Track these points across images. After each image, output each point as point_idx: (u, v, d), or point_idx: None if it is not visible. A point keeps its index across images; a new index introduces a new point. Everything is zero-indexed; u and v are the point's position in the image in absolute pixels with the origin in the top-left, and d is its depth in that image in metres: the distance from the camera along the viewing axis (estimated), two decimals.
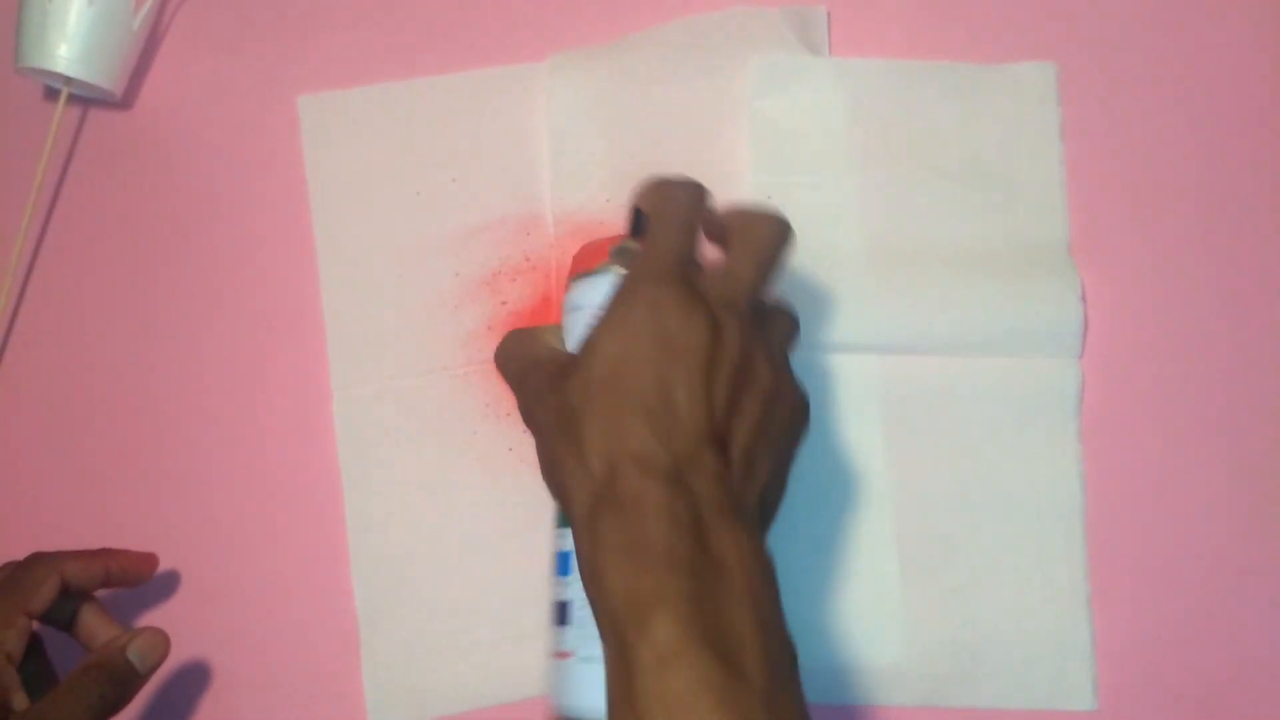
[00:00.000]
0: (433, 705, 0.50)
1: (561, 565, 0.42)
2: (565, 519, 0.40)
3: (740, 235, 0.40)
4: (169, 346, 0.53)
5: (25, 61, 0.52)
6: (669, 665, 0.31)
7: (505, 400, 0.52)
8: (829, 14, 0.55)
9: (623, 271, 0.41)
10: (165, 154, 0.55)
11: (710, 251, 0.41)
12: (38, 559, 0.45)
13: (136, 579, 0.48)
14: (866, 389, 0.51)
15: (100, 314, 0.54)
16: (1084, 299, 0.52)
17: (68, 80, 0.53)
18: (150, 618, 0.51)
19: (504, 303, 0.53)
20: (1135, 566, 0.50)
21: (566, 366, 0.37)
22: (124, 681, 0.43)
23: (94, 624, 0.46)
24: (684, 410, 0.35)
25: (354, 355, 0.53)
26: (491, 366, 0.52)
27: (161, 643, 0.45)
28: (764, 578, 0.34)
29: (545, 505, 0.51)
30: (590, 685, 0.39)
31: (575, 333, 0.43)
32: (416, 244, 0.53)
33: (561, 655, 0.40)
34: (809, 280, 0.52)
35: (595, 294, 0.41)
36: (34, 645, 0.45)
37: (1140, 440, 0.52)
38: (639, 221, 0.40)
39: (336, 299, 0.53)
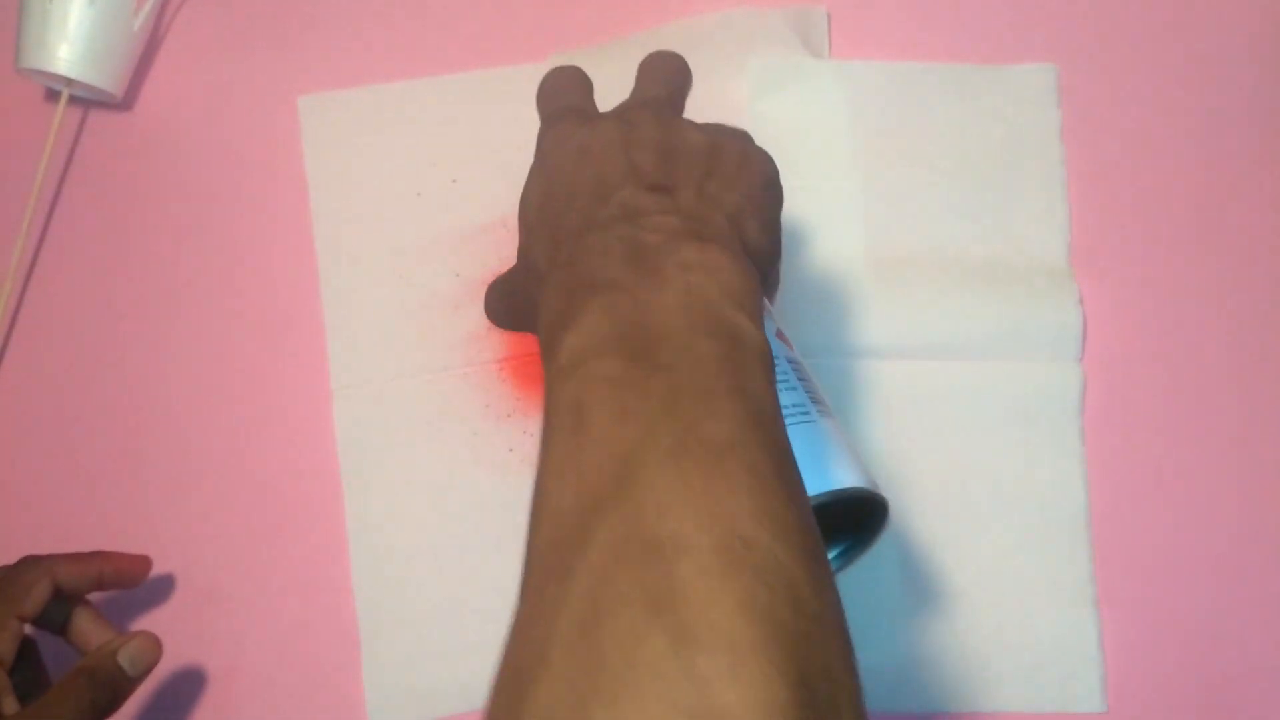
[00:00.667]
0: (433, 705, 0.50)
1: None
2: None
3: (642, 71, 0.42)
4: (169, 347, 0.53)
5: (26, 63, 0.52)
6: (568, 373, 0.29)
7: (505, 400, 0.52)
8: (829, 15, 0.55)
9: None
10: (166, 155, 0.55)
11: None
12: (29, 562, 0.45)
13: (130, 581, 0.48)
14: (867, 394, 0.51)
15: (100, 315, 0.54)
16: (1083, 301, 0.52)
17: (68, 82, 0.53)
18: (150, 618, 0.51)
19: None
20: (1141, 567, 0.50)
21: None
22: (115, 686, 0.43)
23: (87, 627, 0.46)
24: (613, 182, 0.35)
25: (354, 355, 0.53)
26: (492, 367, 0.52)
27: (153, 647, 0.44)
28: (711, 276, 0.31)
29: None
30: None
31: None
32: (417, 244, 0.53)
33: None
34: (808, 284, 0.52)
35: None
36: (27, 650, 0.45)
37: (1143, 441, 0.52)
38: None
39: (336, 299, 0.53)
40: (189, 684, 0.50)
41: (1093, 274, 0.52)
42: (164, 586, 0.51)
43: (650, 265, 0.31)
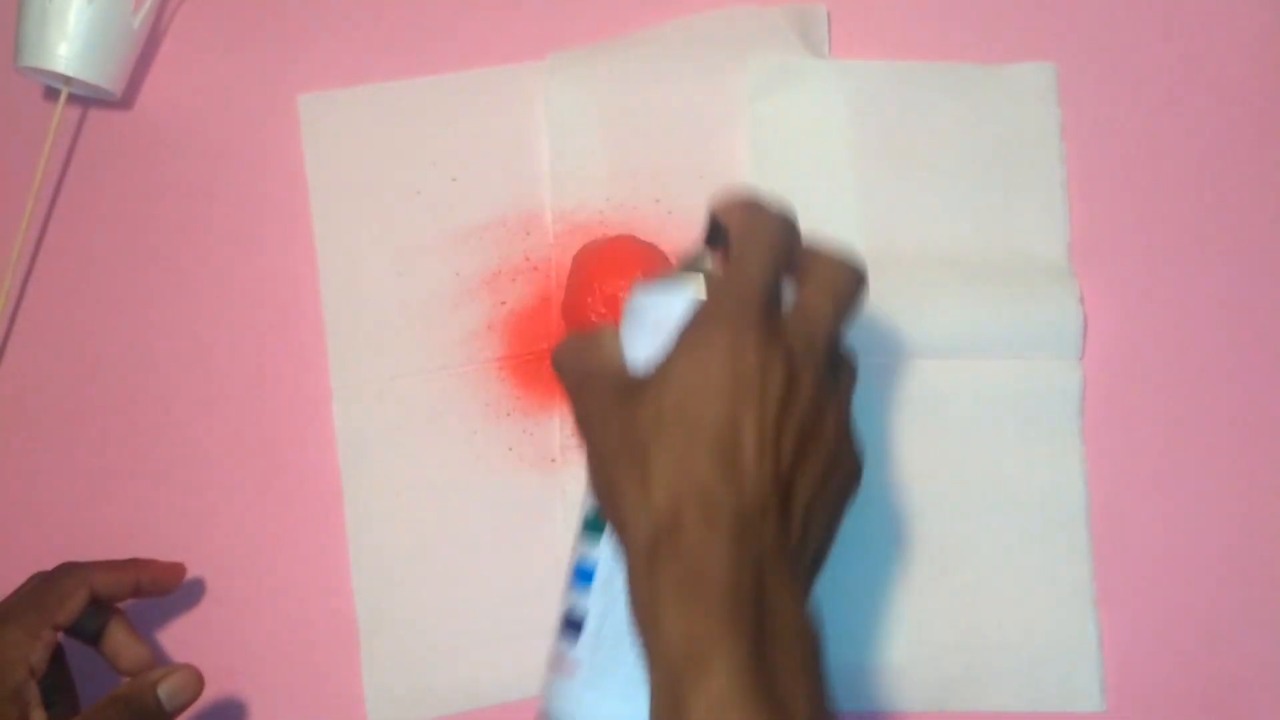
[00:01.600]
0: (432, 705, 0.50)
1: (582, 575, 0.39)
2: (593, 529, 0.39)
3: (820, 276, 0.38)
4: (168, 346, 0.53)
5: (25, 61, 0.52)
6: (721, 716, 0.30)
7: (505, 400, 0.52)
8: (829, 13, 0.55)
9: (700, 290, 0.38)
10: (165, 153, 0.55)
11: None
12: (67, 569, 0.44)
13: (165, 589, 0.48)
14: (867, 393, 0.51)
15: (100, 314, 0.54)
16: (1083, 299, 0.52)
17: (67, 80, 0.53)
18: (149, 617, 0.51)
19: (503, 302, 0.53)
20: (1141, 566, 0.50)
21: (634, 389, 0.36)
22: (150, 718, 0.42)
23: (121, 640, 0.46)
24: (751, 457, 0.34)
25: (354, 354, 0.53)
26: (491, 366, 0.52)
27: (194, 683, 0.44)
28: (814, 640, 0.33)
29: (545, 505, 0.51)
30: (598, 702, 0.38)
31: (640, 345, 0.39)
32: (416, 243, 0.53)
33: (567, 667, 0.39)
34: None
35: (668, 309, 0.38)
36: (54, 655, 0.44)
37: (1143, 440, 0.52)
38: (716, 233, 0.39)
39: (336, 298, 0.53)
40: None
41: (1093, 273, 0.52)
42: None
43: (771, 604, 0.32)
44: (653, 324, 0.38)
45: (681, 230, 0.53)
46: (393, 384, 0.52)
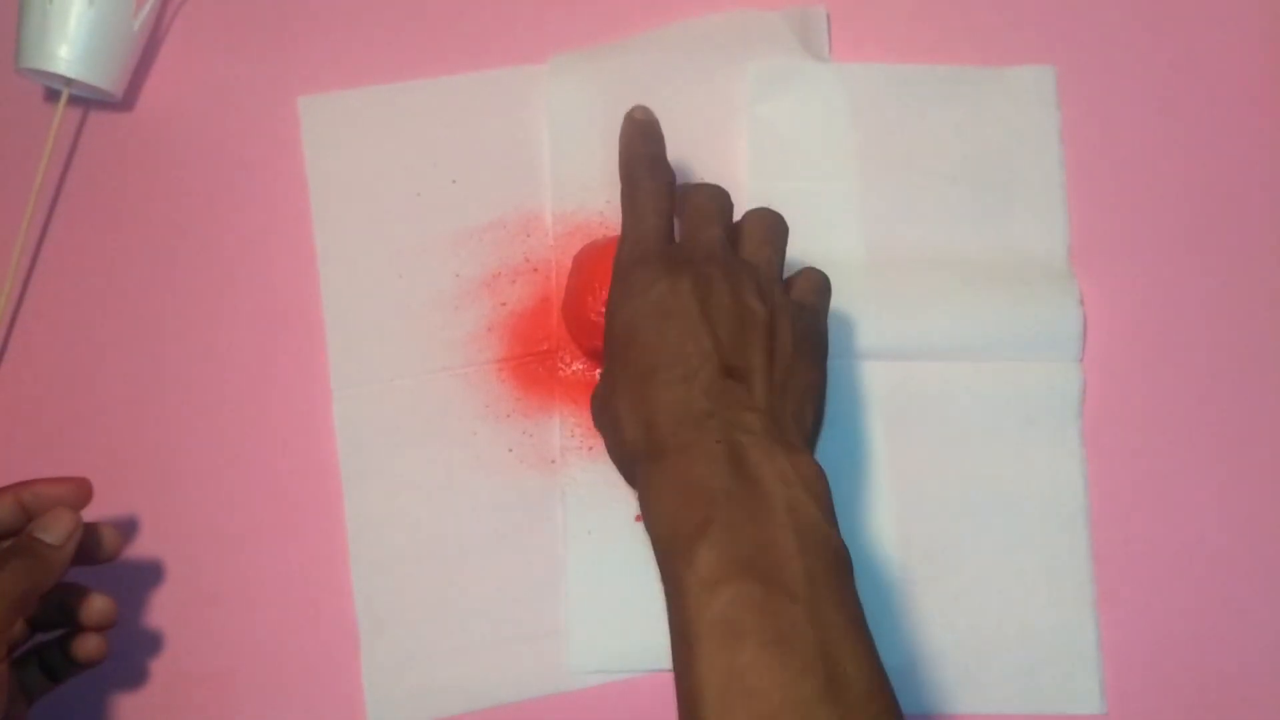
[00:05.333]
0: (432, 705, 0.50)
1: None
2: None
3: (689, 204, 0.45)
4: (169, 348, 0.53)
5: (26, 63, 0.52)
6: (712, 590, 0.34)
7: (505, 401, 0.52)
8: (829, 16, 0.55)
9: None
10: (166, 155, 0.55)
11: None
12: None
13: (73, 502, 0.45)
14: (867, 395, 0.51)
15: (100, 315, 0.54)
16: (1083, 301, 0.52)
17: (68, 81, 0.53)
18: (150, 617, 0.51)
19: (503, 304, 0.53)
20: (1141, 568, 0.51)
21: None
22: (43, 556, 0.42)
23: (84, 601, 0.45)
24: (696, 359, 0.39)
25: (354, 356, 0.53)
26: (491, 367, 0.52)
27: (64, 514, 0.43)
28: (808, 491, 0.36)
29: (545, 506, 0.51)
30: None
31: None
32: (416, 245, 0.53)
33: None
34: None
35: None
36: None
37: (1143, 441, 0.52)
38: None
39: (337, 300, 0.53)
40: (188, 684, 0.51)
41: (1092, 274, 0.53)
42: (164, 587, 0.51)
43: (752, 474, 0.36)
44: None
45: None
46: (392, 385, 0.52)
